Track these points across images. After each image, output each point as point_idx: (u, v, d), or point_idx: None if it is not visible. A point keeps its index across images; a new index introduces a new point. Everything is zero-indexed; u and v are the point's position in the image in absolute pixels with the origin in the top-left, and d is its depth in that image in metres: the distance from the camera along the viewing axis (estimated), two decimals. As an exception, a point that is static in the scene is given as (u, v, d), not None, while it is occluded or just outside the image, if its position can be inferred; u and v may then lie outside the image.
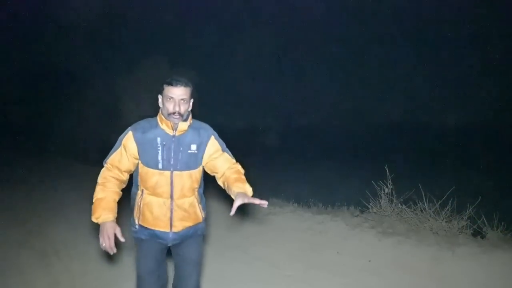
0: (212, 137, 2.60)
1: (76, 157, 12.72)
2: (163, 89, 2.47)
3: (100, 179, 2.51)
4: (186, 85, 2.45)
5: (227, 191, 2.52)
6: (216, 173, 2.62)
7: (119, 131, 2.57)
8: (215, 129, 2.66)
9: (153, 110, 2.60)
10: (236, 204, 2.28)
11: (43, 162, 12.40)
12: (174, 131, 2.48)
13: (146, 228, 2.58)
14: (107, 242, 2.36)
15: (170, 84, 2.43)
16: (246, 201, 2.31)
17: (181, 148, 2.48)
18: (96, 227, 2.44)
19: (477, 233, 4.44)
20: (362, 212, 5.34)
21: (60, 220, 6.11)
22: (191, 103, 2.53)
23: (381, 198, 5.10)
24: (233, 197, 2.38)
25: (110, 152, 2.57)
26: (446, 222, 4.57)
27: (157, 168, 2.47)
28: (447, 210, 4.60)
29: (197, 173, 2.57)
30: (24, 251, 4.84)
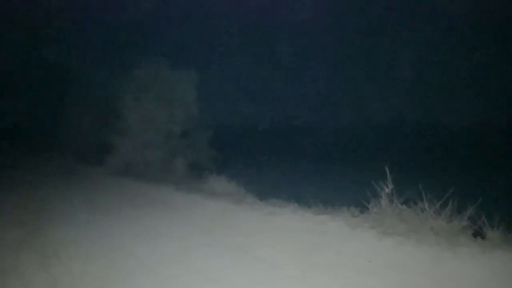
0: None
1: (76, 157, 12.70)
2: None
3: None
4: None
5: None
6: None
7: (119, 131, 2.56)
8: (216, 129, 2.55)
9: (154, 110, 2.59)
10: None
11: (43, 162, 12.39)
12: None
13: None
14: None
15: None
16: None
17: None
18: (96, 227, 2.43)
19: (478, 234, 4.43)
20: (362, 212, 5.33)
21: (60, 220, 6.10)
22: None
23: (381, 199, 5.09)
24: None
25: None
26: (446, 222, 4.56)
27: None
28: (448, 210, 4.59)
29: None
30: (23, 251, 4.83)
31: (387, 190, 5.02)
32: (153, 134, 10.81)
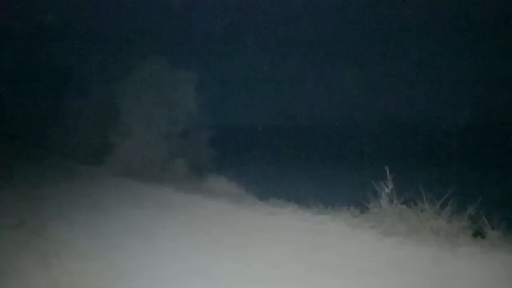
0: None
1: (75, 157, 12.70)
2: None
3: None
4: None
5: None
6: None
7: (119, 131, 2.55)
8: (216, 128, 2.54)
9: (154, 110, 2.58)
10: None
11: (43, 162, 12.39)
12: None
13: None
14: None
15: None
16: None
17: None
18: (96, 226, 2.43)
19: (478, 233, 4.43)
20: (362, 212, 5.33)
21: (60, 220, 6.10)
22: None
23: (381, 198, 5.09)
24: None
25: None
26: (446, 222, 4.56)
27: None
28: (448, 210, 4.59)
29: None
30: (24, 251, 4.83)
31: (387, 190, 5.02)
32: (153, 134, 10.82)
